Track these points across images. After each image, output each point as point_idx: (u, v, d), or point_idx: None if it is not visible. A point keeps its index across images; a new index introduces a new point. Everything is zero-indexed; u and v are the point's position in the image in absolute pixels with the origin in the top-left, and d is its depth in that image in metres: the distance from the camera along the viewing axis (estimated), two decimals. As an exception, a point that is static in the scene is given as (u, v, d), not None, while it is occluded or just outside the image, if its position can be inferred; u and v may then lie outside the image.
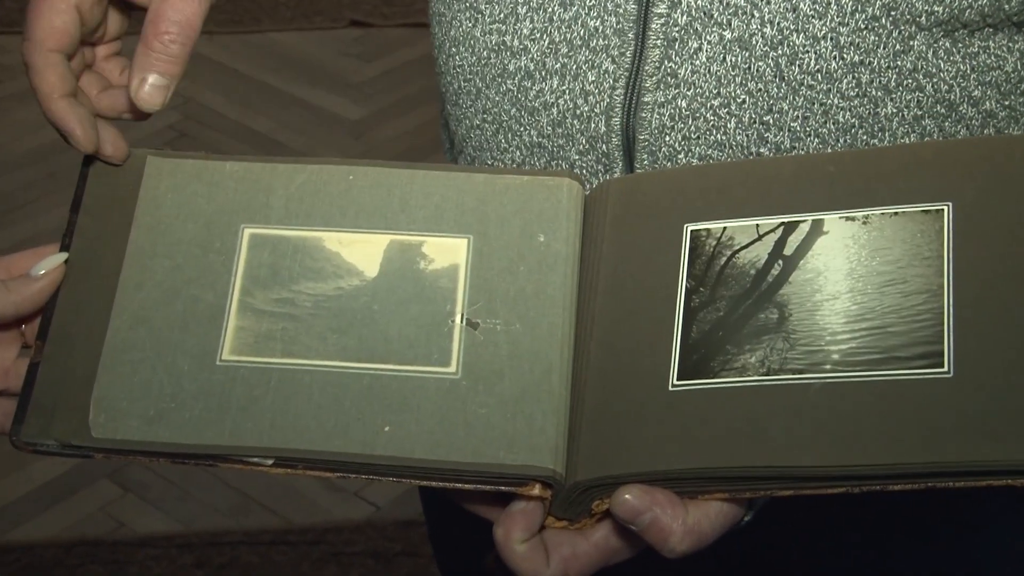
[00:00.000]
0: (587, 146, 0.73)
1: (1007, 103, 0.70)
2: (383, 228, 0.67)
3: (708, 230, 0.66)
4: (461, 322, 0.64)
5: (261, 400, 0.62)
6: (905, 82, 0.69)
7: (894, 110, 0.69)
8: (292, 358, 0.64)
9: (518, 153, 0.75)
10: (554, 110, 0.73)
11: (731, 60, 0.69)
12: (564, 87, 0.72)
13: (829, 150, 0.70)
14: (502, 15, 0.73)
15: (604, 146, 0.72)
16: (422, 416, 0.62)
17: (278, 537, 1.94)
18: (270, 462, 0.62)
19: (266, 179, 0.69)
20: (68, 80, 0.66)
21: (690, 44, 0.69)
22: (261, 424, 0.62)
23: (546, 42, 0.72)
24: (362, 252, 0.66)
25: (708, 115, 0.70)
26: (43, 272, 0.65)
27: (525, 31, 0.73)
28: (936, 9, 0.67)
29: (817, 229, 0.64)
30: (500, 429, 0.61)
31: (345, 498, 1.98)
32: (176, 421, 0.62)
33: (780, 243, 0.64)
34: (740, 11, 0.68)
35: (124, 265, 0.66)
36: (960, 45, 0.69)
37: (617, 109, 0.71)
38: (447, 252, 0.66)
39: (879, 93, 0.69)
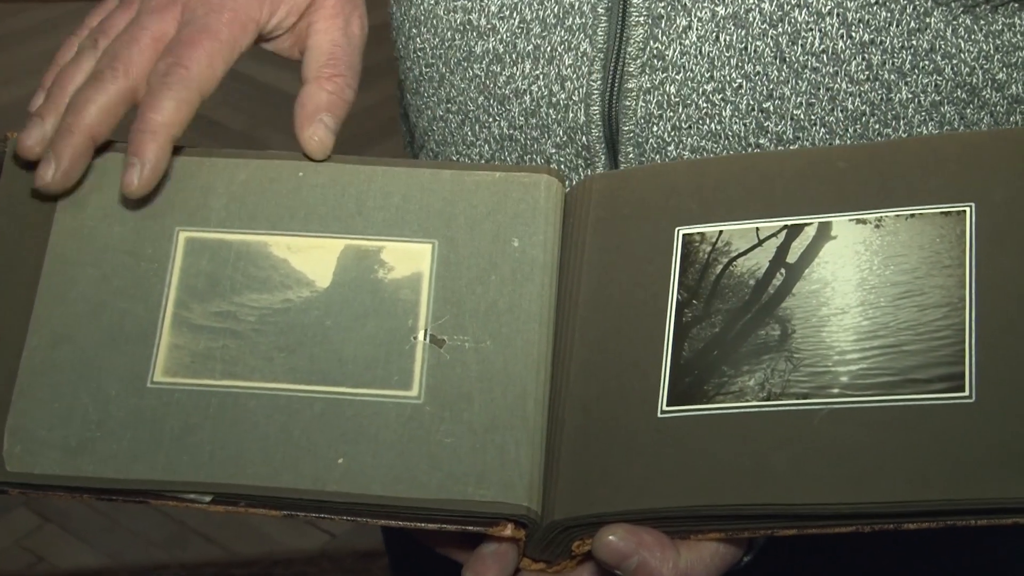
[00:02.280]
0: (565, 138, 0.73)
1: (1036, 87, 0.71)
2: (336, 232, 0.67)
3: (702, 234, 0.66)
4: (424, 339, 0.65)
5: (199, 429, 0.62)
6: (921, 64, 0.69)
7: (909, 95, 0.70)
8: (234, 380, 0.64)
9: (487, 147, 0.76)
10: (527, 98, 0.73)
11: (725, 39, 0.69)
12: (538, 72, 0.73)
13: (837, 140, 0.70)
14: (467, -9, 0.73)
15: (584, 138, 0.72)
16: (380, 447, 0.62)
17: (220, 571, 1.93)
18: (208, 499, 0.61)
19: (204, 175, 0.68)
20: (112, 125, 0.67)
21: (678, 21, 0.70)
22: (199, 456, 0.62)
23: (516, 21, 0.73)
24: (313, 259, 0.66)
25: (700, 102, 0.70)
26: None
27: (493, 8, 0.73)
28: (955, -19, 0.68)
29: (824, 233, 0.65)
30: (468, 462, 0.61)
31: (296, 526, 1.98)
32: (102, 452, 0.62)
33: (783, 249, 0.65)
34: (735, -15, 0.69)
35: (43, 274, 0.66)
36: (982, 22, 0.69)
37: (596, 96, 0.72)
38: (409, 259, 0.66)
39: (892, 76, 0.69)
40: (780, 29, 0.69)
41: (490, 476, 0.61)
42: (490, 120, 0.75)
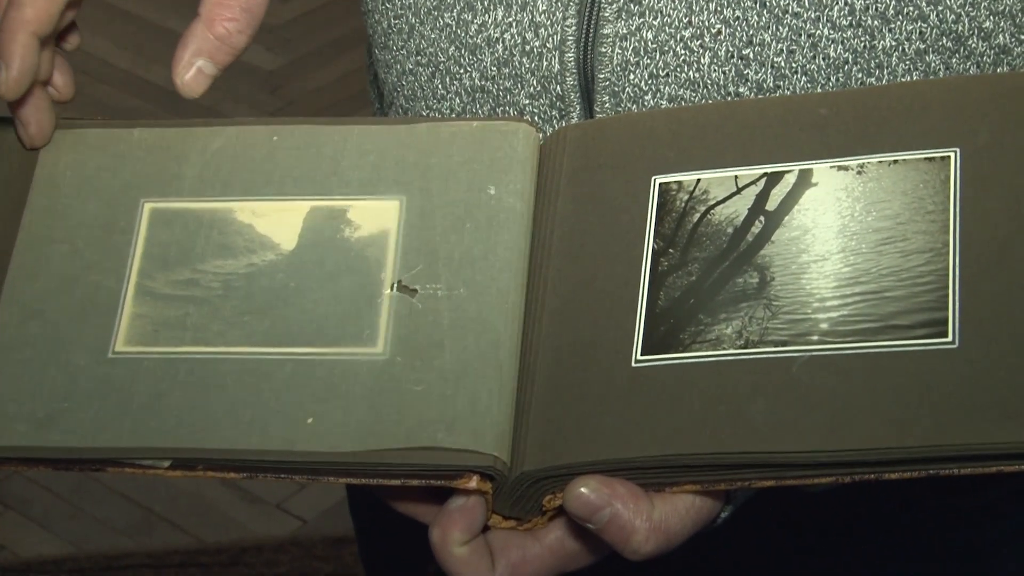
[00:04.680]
0: (539, 88, 0.73)
1: (1023, 37, 0.71)
2: (312, 194, 0.67)
3: (679, 183, 0.66)
4: (392, 291, 0.65)
5: (167, 395, 0.63)
6: (905, 10, 0.69)
7: (893, 43, 0.70)
8: (200, 347, 0.64)
9: (458, 100, 0.75)
10: (499, 47, 0.73)
11: None
12: (510, 19, 0.72)
13: (818, 89, 0.70)
14: (436, -67, 0.73)
15: (558, 87, 0.72)
16: (351, 403, 0.62)
17: (188, 559, 1.93)
18: (167, 464, 0.62)
19: (178, 146, 0.69)
20: (52, 23, 0.66)
21: None
22: (166, 423, 0.62)
23: None
24: (279, 223, 0.67)
25: (678, 48, 0.70)
26: None
27: (464, -48, 0.73)
28: (942, -77, 0.68)
29: (805, 180, 0.65)
30: (438, 408, 0.61)
31: (265, 511, 1.98)
32: (69, 423, 0.62)
33: (762, 197, 0.65)
34: (714, -75, 0.68)
35: (15, 253, 0.67)
36: (969, -33, 0.69)
37: (571, 43, 0.71)
38: (376, 217, 0.67)
39: (876, 23, 0.69)
40: None
41: (461, 423, 0.61)
42: (461, 71, 0.75)
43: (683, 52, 0.70)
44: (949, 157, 0.63)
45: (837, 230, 0.63)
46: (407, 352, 0.63)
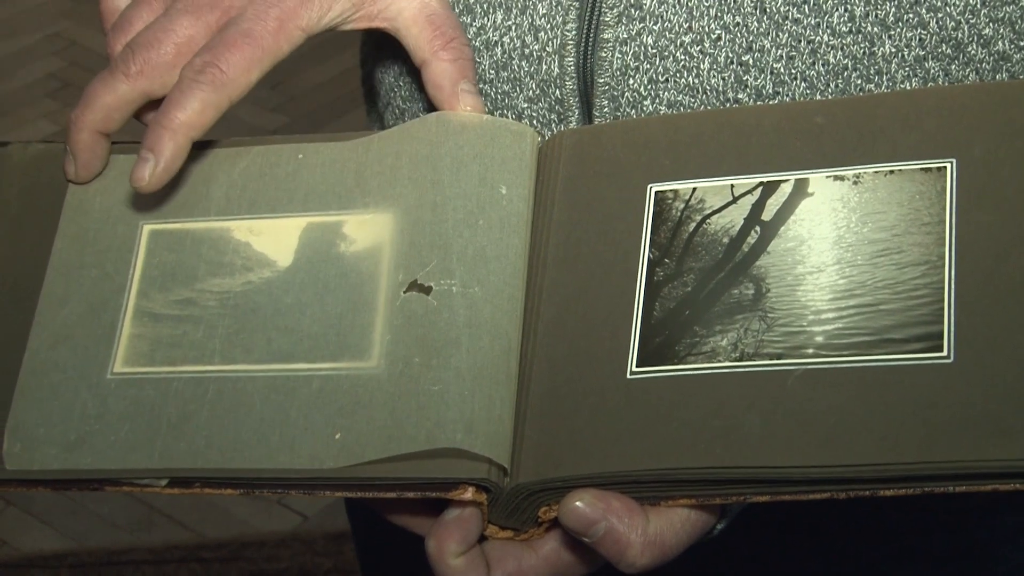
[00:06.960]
0: (537, 92, 0.73)
1: (1023, 44, 0.71)
2: (337, 208, 0.68)
3: (675, 191, 0.66)
4: (385, 307, 0.64)
5: (196, 415, 0.63)
6: (905, 16, 0.69)
7: (892, 49, 0.70)
8: (203, 365, 0.64)
9: None
10: (498, 50, 0.73)
11: None
12: (510, 22, 0.72)
13: (818, 95, 0.70)
14: (435, -63, 0.73)
15: (557, 91, 0.72)
16: (374, 412, 0.62)
17: (189, 554, 1.94)
18: (164, 482, 0.62)
19: (205, 167, 0.70)
20: (206, 129, 0.67)
21: None
22: (195, 443, 0.62)
23: None
24: (275, 240, 0.67)
25: (678, 54, 0.70)
26: None
27: (463, -44, 0.73)
28: (942, -70, 0.68)
29: (801, 190, 0.65)
30: (457, 408, 0.61)
31: (265, 507, 1.99)
32: (100, 445, 0.63)
33: (758, 206, 0.65)
34: (713, -68, 0.69)
35: (46, 280, 0.67)
36: (969, -26, 0.69)
37: (571, 47, 0.71)
38: (370, 230, 0.67)
39: (875, 29, 0.69)
40: None
41: (479, 426, 0.61)
42: None
43: (683, 57, 0.70)
44: (945, 168, 0.63)
45: (833, 241, 0.63)
46: (424, 352, 0.63)
